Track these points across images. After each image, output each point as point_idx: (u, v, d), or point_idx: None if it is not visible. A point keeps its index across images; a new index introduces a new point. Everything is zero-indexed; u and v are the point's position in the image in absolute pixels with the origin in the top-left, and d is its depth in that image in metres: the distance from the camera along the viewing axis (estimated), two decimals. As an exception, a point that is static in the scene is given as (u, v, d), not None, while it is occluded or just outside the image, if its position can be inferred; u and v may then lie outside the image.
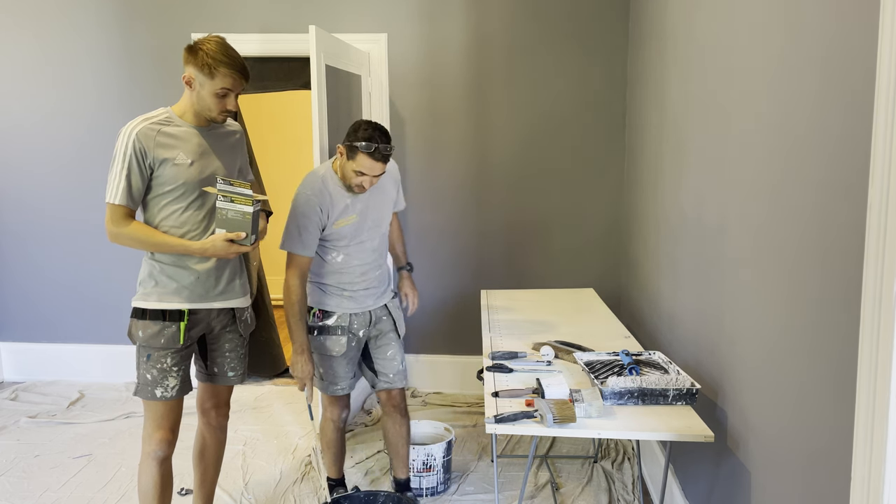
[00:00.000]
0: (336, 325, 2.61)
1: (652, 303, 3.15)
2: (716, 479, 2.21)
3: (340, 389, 2.69)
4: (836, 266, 1.39)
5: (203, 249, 2.18)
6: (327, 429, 2.78)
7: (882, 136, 1.17)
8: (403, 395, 2.80)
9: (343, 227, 2.54)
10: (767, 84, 1.77)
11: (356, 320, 2.64)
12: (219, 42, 2.17)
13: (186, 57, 2.17)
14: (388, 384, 2.73)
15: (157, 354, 2.22)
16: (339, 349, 2.61)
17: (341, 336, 2.61)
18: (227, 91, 2.19)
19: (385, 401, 2.77)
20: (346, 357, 2.65)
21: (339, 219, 2.53)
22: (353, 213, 2.55)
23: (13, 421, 3.77)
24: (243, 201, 2.13)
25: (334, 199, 2.51)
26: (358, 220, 2.56)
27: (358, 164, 2.41)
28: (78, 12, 4.06)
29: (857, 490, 1.26)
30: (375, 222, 2.62)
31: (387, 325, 2.73)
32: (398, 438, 2.80)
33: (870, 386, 1.21)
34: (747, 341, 1.93)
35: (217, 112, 2.22)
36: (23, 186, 4.24)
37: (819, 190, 1.47)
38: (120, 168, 2.13)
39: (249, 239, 2.17)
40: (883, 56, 1.16)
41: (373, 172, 2.42)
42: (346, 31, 3.90)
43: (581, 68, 3.90)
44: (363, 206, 2.57)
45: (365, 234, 2.60)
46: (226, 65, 2.15)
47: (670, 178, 2.82)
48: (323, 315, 2.62)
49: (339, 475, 2.89)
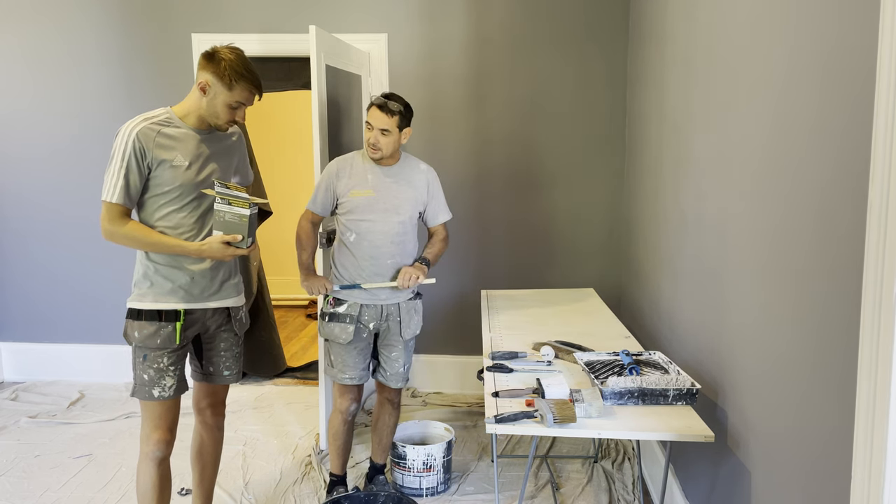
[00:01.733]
0: (345, 314, 2.70)
1: (652, 303, 3.15)
2: (716, 479, 2.21)
3: (349, 379, 2.73)
4: (837, 266, 1.39)
5: (199, 251, 2.19)
6: (335, 420, 2.83)
7: (882, 135, 1.16)
8: (399, 393, 2.89)
9: (358, 198, 2.66)
10: (768, 84, 1.77)
11: (367, 312, 2.71)
12: (239, 55, 2.20)
13: (205, 63, 2.17)
14: (385, 381, 2.84)
15: (153, 354, 2.22)
16: (346, 337, 2.69)
17: (349, 325, 2.69)
18: (241, 104, 2.22)
19: (380, 391, 2.89)
20: (355, 346, 2.71)
21: (356, 188, 2.68)
22: (370, 188, 2.68)
23: (13, 421, 3.77)
24: (240, 204, 2.15)
25: (355, 169, 2.71)
26: (374, 196, 2.67)
27: (368, 116, 2.63)
28: (78, 12, 4.06)
29: (857, 490, 1.26)
30: (392, 206, 2.68)
31: (395, 325, 2.76)
32: (385, 428, 2.92)
33: (870, 386, 1.21)
34: (747, 341, 1.93)
35: (225, 121, 2.24)
36: (23, 185, 4.24)
37: (820, 190, 1.47)
38: (118, 167, 2.13)
39: (246, 241, 2.19)
40: (883, 56, 1.16)
41: (376, 123, 2.60)
42: (346, 31, 3.90)
43: (581, 68, 3.90)
44: (383, 187, 2.69)
45: (378, 214, 2.66)
46: (247, 80, 2.19)
47: (670, 179, 2.82)
48: (335, 302, 2.72)
49: (342, 472, 2.90)
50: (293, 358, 4.73)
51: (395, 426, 2.95)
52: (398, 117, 2.61)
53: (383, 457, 2.97)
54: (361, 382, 2.78)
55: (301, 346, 5.06)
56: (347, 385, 2.76)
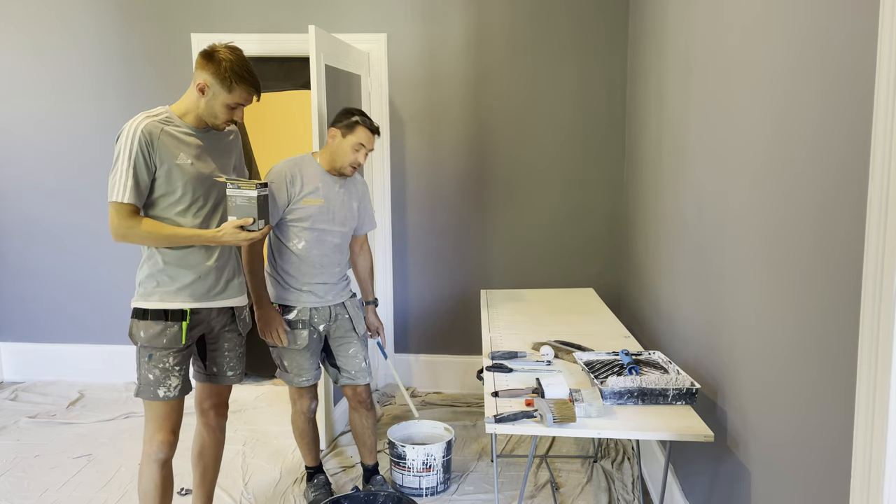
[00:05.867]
0: (297, 320, 2.72)
1: (652, 303, 3.15)
2: (716, 478, 2.21)
3: (306, 381, 2.79)
4: (837, 265, 1.39)
5: (215, 237, 2.19)
6: (298, 420, 2.89)
7: (882, 133, 1.16)
8: (368, 390, 2.90)
9: (310, 206, 2.66)
10: (768, 83, 1.77)
11: (316, 314, 2.74)
12: (239, 55, 2.19)
13: (203, 63, 2.16)
14: (352, 380, 2.84)
15: (158, 354, 2.22)
16: (302, 342, 2.72)
17: (303, 330, 2.72)
18: (240, 105, 2.22)
19: (350, 396, 2.89)
20: (309, 350, 2.76)
21: (308, 196, 2.66)
22: (321, 197, 2.69)
23: (13, 421, 3.77)
24: (248, 186, 2.18)
25: (306, 176, 2.68)
26: (324, 205, 2.69)
27: (357, 137, 2.64)
28: (78, 12, 4.05)
29: (857, 490, 1.26)
30: (339, 217, 2.74)
31: (346, 323, 2.81)
32: (364, 430, 2.93)
33: (870, 385, 1.21)
34: (747, 341, 1.93)
35: (223, 121, 2.24)
36: (23, 185, 4.24)
37: (820, 189, 1.47)
38: (126, 166, 2.10)
39: (257, 224, 2.20)
40: (882, 54, 1.16)
41: (370, 145, 2.67)
42: (346, 31, 3.90)
43: (580, 68, 3.90)
44: (332, 197, 2.71)
45: (327, 223, 2.69)
46: (247, 81, 2.18)
47: (670, 178, 2.82)
48: (283, 310, 2.72)
49: (315, 462, 2.98)
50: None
51: (375, 426, 2.96)
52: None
53: (372, 457, 2.99)
54: (317, 381, 2.84)
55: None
56: (305, 386, 2.81)
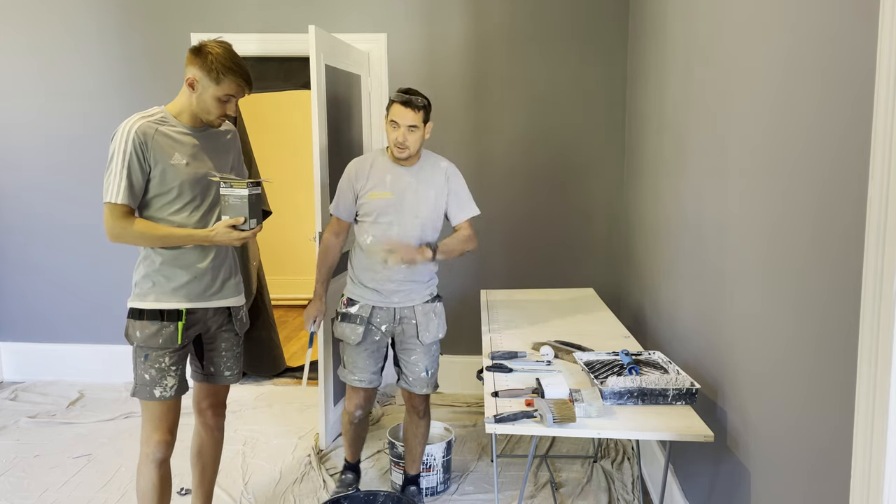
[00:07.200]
0: (356, 315, 2.67)
1: (652, 303, 3.15)
2: (716, 479, 2.21)
3: (357, 381, 2.71)
4: (837, 265, 1.39)
5: (208, 237, 2.19)
6: (343, 418, 2.88)
7: (881, 132, 1.16)
8: (424, 400, 2.80)
9: (375, 200, 2.60)
10: (768, 83, 1.77)
11: (379, 314, 2.67)
12: (227, 48, 2.19)
13: (192, 58, 2.16)
14: (408, 387, 2.77)
15: (154, 354, 2.21)
16: (355, 338, 2.66)
17: (358, 325, 2.66)
18: (230, 97, 2.20)
19: (406, 399, 2.83)
20: (365, 348, 2.69)
21: (374, 189, 2.60)
22: (389, 190, 2.60)
23: (13, 421, 3.76)
24: (240, 185, 2.17)
25: (374, 170, 2.63)
26: (393, 199, 2.60)
27: (391, 115, 2.54)
28: (77, 12, 4.05)
29: (857, 490, 1.25)
30: (410, 208, 2.61)
31: (411, 328, 2.70)
32: (413, 437, 2.86)
33: (870, 384, 1.21)
34: (747, 341, 1.93)
35: (216, 116, 2.23)
36: (23, 185, 4.23)
37: (820, 189, 1.47)
38: (120, 167, 2.11)
39: (249, 223, 2.19)
40: (882, 53, 1.16)
41: (402, 120, 2.51)
42: (346, 31, 3.90)
43: (580, 67, 3.90)
44: (402, 188, 2.61)
45: (395, 216, 2.60)
46: (233, 72, 2.17)
47: (670, 178, 2.82)
48: (348, 302, 2.71)
49: (353, 459, 2.97)
50: (293, 358, 4.73)
51: (425, 436, 2.87)
52: (423, 112, 2.54)
53: (415, 467, 2.90)
54: (371, 386, 2.74)
55: (301, 346, 5.05)
56: (356, 387, 2.74)
